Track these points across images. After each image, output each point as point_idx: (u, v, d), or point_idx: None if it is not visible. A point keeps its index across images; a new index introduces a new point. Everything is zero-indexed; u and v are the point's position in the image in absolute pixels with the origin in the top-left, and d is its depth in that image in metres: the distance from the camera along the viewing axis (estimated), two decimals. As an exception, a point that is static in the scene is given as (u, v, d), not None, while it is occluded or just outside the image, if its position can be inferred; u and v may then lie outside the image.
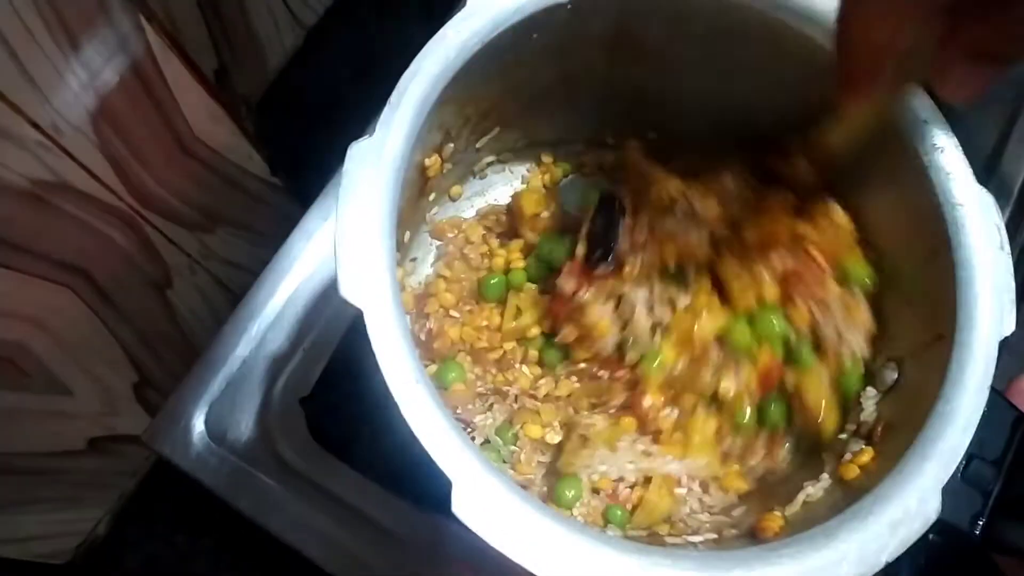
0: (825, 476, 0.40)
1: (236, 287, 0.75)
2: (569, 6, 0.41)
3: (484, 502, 0.32)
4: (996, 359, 0.36)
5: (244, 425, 0.58)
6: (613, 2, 0.43)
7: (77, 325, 0.60)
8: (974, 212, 0.38)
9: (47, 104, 0.51)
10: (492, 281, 0.50)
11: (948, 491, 0.35)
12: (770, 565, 0.33)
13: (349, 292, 0.33)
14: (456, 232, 0.54)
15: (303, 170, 0.36)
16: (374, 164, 0.35)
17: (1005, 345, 0.36)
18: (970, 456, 0.38)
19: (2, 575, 0.63)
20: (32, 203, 0.52)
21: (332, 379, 0.58)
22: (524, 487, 0.37)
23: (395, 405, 0.32)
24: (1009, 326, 0.36)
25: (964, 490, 0.38)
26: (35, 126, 0.50)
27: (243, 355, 0.60)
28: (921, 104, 0.40)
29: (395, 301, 0.34)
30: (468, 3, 0.39)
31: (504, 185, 0.56)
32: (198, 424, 0.58)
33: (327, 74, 0.42)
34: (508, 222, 0.53)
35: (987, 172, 0.59)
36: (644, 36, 0.45)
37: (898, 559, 0.49)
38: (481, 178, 0.55)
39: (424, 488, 0.34)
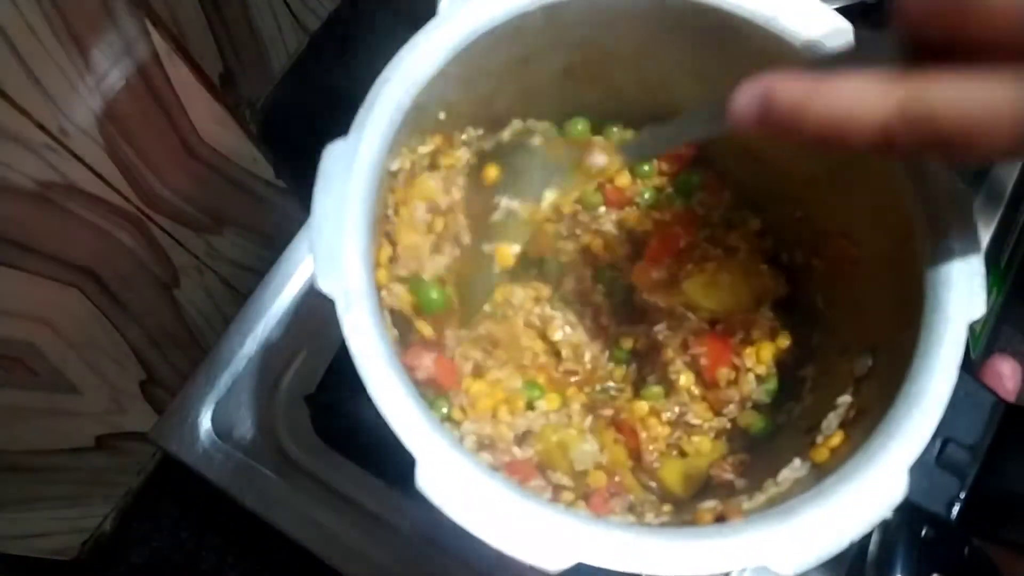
0: (797, 461, 0.39)
1: (242, 287, 0.75)
2: (540, 14, 0.42)
3: (447, 478, 0.32)
4: (965, 342, 0.36)
5: (249, 422, 0.59)
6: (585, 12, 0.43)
7: (85, 324, 0.61)
8: (944, 199, 0.38)
9: (54, 107, 0.51)
10: None
11: (923, 476, 0.36)
12: (727, 539, 0.33)
13: (323, 284, 0.34)
14: None
15: (307, 172, 0.37)
16: (348, 163, 0.37)
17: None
18: (945, 440, 0.37)
19: (10, 572, 0.63)
20: (39, 205, 0.53)
21: (336, 376, 0.59)
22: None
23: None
24: (978, 309, 0.36)
25: (940, 475, 0.38)
26: (42, 129, 0.50)
27: (249, 354, 0.61)
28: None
29: (367, 290, 0.35)
30: (440, 10, 0.40)
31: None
32: (204, 421, 0.59)
33: (330, 78, 0.43)
34: None
35: (978, 176, 0.59)
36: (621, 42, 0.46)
37: (891, 555, 0.50)
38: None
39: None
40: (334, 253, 0.35)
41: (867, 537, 0.51)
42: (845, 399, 0.40)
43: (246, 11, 0.66)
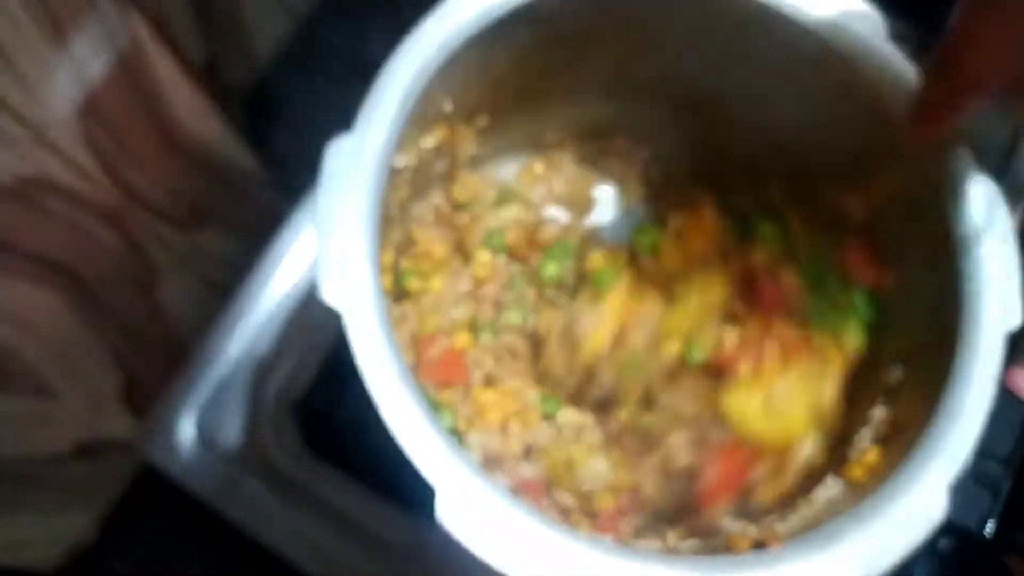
0: (830, 479, 0.39)
1: (226, 287, 0.74)
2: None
3: (469, 510, 0.31)
4: (1002, 353, 0.35)
5: (234, 430, 0.57)
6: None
7: (63, 326, 0.60)
8: (977, 202, 0.37)
9: (32, 98, 0.50)
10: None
11: (956, 490, 0.35)
12: (767, 568, 0.32)
13: (331, 296, 0.33)
14: None
15: (295, 166, 0.36)
16: (355, 162, 0.35)
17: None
18: (979, 454, 0.37)
19: (-13, 581, 0.63)
20: (16, 200, 0.52)
21: (325, 382, 0.58)
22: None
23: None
24: (1015, 319, 0.35)
25: (973, 489, 0.38)
26: (19, 120, 0.50)
27: (233, 357, 0.60)
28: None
29: (378, 304, 0.33)
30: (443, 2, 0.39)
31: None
32: (187, 429, 0.58)
33: (319, 67, 0.42)
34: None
35: (1000, 170, 0.58)
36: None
37: (910, 565, 0.49)
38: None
39: (418, 494, 0.33)
40: (342, 260, 0.33)
41: None
42: (879, 412, 0.40)
43: (232, -4, 0.66)
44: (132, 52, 0.56)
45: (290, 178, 0.73)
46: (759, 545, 0.40)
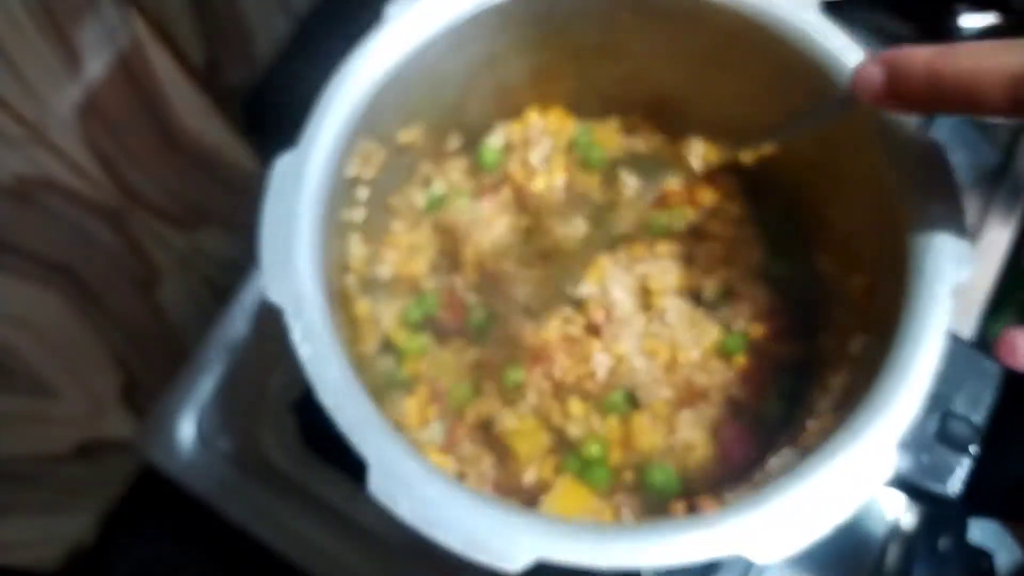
0: (787, 450, 0.39)
1: (226, 287, 0.74)
2: (487, 17, 0.43)
3: (400, 482, 0.33)
4: (950, 308, 0.35)
5: (234, 430, 0.57)
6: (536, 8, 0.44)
7: (63, 325, 0.60)
8: (923, 164, 0.37)
9: (33, 98, 0.50)
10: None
11: (922, 452, 0.35)
12: (699, 529, 0.32)
13: (272, 293, 0.36)
14: None
15: None
16: (298, 174, 0.38)
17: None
18: (945, 414, 0.37)
19: (-13, 583, 0.63)
20: (16, 200, 0.52)
21: None
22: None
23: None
24: (964, 273, 0.35)
25: (940, 451, 0.37)
26: (20, 120, 0.50)
27: (233, 357, 0.59)
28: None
29: (318, 297, 0.36)
30: (385, 16, 0.41)
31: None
32: (187, 429, 0.58)
33: (320, 66, 0.42)
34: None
35: (1000, 169, 0.59)
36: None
37: (911, 564, 0.49)
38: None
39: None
40: (283, 262, 0.37)
41: (884, 551, 0.50)
42: (839, 380, 0.39)
43: (232, -3, 0.66)
44: (132, 52, 0.56)
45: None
46: (692, 509, 0.41)
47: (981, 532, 0.66)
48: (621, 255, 0.49)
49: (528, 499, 0.44)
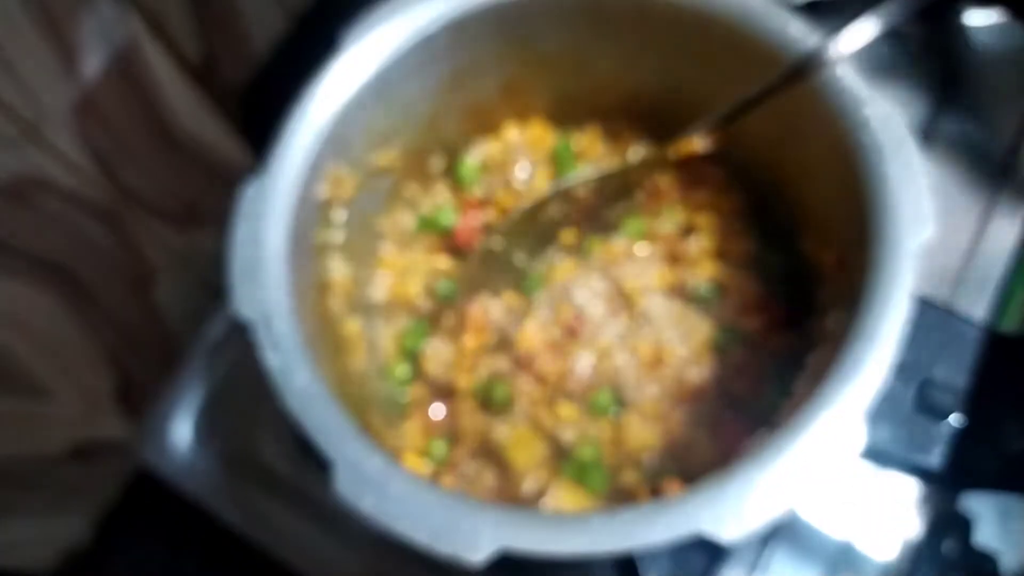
0: (763, 429, 0.38)
1: (222, 287, 0.74)
2: (446, 35, 0.44)
3: (364, 481, 0.34)
4: (913, 269, 0.34)
5: (229, 432, 0.58)
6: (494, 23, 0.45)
7: (58, 326, 0.60)
8: (877, 128, 0.37)
9: (28, 96, 0.50)
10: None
11: (901, 424, 0.35)
12: (660, 510, 0.32)
13: (241, 309, 0.38)
14: None
15: None
16: (263, 200, 0.40)
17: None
18: (923, 383, 0.37)
19: (-18, 583, 0.63)
20: (11, 199, 0.52)
21: None
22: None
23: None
24: (926, 230, 0.35)
25: (920, 421, 0.37)
26: (14, 119, 0.50)
27: (229, 358, 0.60)
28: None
29: (285, 313, 0.38)
30: (342, 44, 0.43)
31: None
32: (183, 431, 0.58)
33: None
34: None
35: (1004, 169, 0.59)
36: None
37: (914, 565, 0.49)
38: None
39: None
40: (251, 280, 0.39)
41: (888, 555, 0.50)
42: (813, 357, 0.39)
43: (229, -7, 0.67)
44: (129, 50, 0.57)
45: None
46: (656, 493, 0.41)
47: (986, 535, 0.67)
48: (595, 258, 0.50)
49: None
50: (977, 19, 0.62)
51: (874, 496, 0.51)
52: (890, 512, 0.50)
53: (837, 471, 0.32)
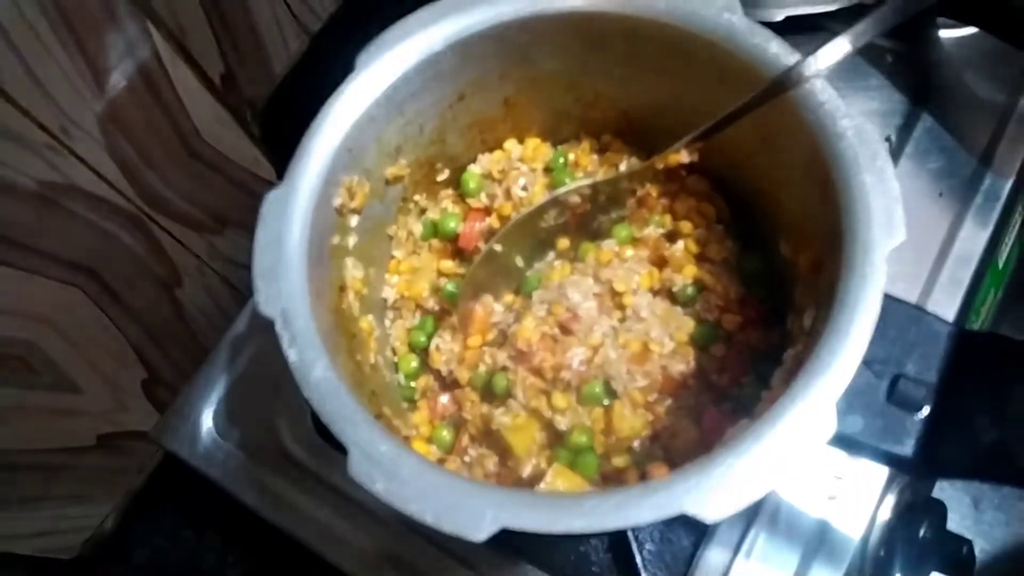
0: (745, 421, 0.39)
1: (243, 287, 0.75)
2: (451, 53, 0.46)
3: (376, 465, 0.36)
4: (884, 271, 0.36)
5: (251, 421, 0.59)
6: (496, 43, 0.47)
7: (86, 323, 0.61)
8: (853, 140, 0.39)
9: (55, 107, 0.51)
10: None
11: (875, 416, 0.36)
12: (648, 492, 0.34)
13: (263, 308, 0.40)
14: None
15: None
16: (284, 207, 0.42)
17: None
18: (896, 377, 0.38)
19: (11, 570, 0.63)
20: (40, 204, 0.53)
21: None
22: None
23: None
24: (898, 235, 0.36)
25: (893, 412, 0.38)
26: (43, 129, 0.51)
27: (250, 353, 0.61)
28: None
29: (305, 310, 0.40)
30: (358, 64, 0.45)
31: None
32: (206, 420, 0.59)
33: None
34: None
35: (978, 173, 0.59)
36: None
37: (891, 554, 0.50)
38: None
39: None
40: (273, 281, 0.40)
41: (867, 537, 0.51)
42: (790, 352, 0.41)
43: (247, 12, 0.67)
44: (151, 64, 0.58)
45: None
46: (644, 476, 0.43)
47: (960, 520, 0.67)
48: (587, 262, 0.52)
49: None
50: (950, 33, 0.62)
51: (851, 481, 0.51)
52: (867, 497, 0.51)
53: (811, 457, 0.33)
